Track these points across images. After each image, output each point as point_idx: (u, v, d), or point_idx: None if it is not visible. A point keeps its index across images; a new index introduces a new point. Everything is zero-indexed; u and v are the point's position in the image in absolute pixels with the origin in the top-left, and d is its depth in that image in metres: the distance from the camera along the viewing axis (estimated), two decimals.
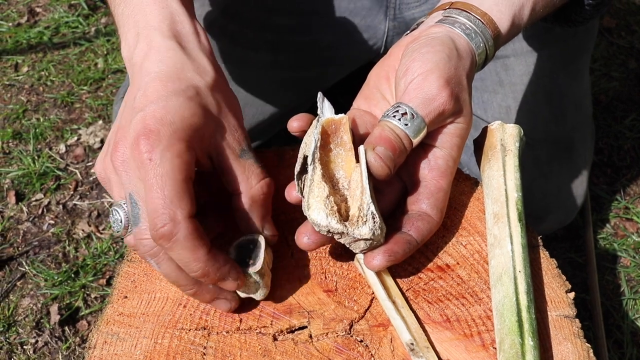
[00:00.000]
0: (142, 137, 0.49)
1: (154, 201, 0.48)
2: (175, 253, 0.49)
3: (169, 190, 0.48)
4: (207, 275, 0.51)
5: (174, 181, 0.48)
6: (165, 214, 0.48)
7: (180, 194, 0.49)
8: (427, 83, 0.55)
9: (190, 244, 0.49)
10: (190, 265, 0.50)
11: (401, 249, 0.54)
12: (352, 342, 0.54)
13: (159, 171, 0.48)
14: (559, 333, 0.54)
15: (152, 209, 0.48)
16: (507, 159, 0.61)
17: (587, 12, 0.71)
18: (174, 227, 0.48)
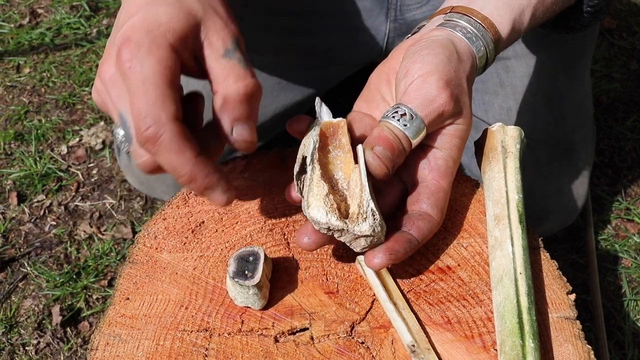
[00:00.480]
0: (122, 48, 0.48)
1: (136, 106, 0.47)
2: (162, 157, 0.48)
3: (152, 93, 0.47)
4: (194, 181, 0.49)
5: (155, 85, 0.48)
6: (148, 116, 0.47)
7: (163, 97, 0.48)
8: (426, 84, 0.56)
9: (176, 146, 0.48)
10: (177, 169, 0.49)
11: (402, 248, 0.54)
12: (354, 344, 0.54)
13: (140, 77, 0.48)
14: (560, 335, 0.54)
15: (136, 114, 0.47)
16: (508, 160, 0.61)
17: (586, 19, 0.71)
18: (158, 129, 0.47)
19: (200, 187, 0.50)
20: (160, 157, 0.49)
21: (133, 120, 0.48)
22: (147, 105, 0.47)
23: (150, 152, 0.49)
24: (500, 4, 0.63)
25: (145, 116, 0.47)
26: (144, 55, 0.48)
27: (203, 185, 0.50)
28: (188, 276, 0.59)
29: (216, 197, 0.51)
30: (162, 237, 0.61)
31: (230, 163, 0.66)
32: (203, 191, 0.51)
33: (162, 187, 1.08)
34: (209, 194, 0.51)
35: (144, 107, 0.47)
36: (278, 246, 0.60)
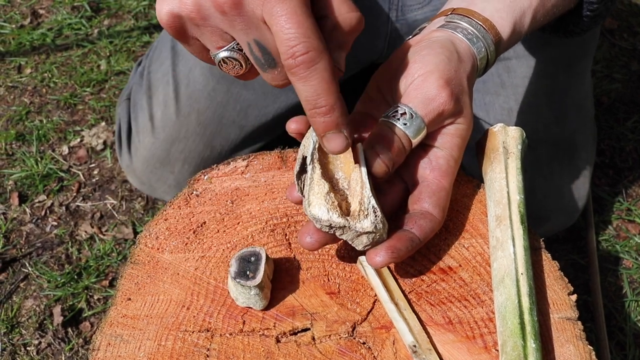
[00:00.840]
0: None
1: (292, 31, 0.46)
2: (310, 82, 0.47)
3: (307, 22, 0.46)
4: (332, 112, 0.49)
5: (307, 15, 0.47)
6: (306, 42, 0.46)
7: (315, 28, 0.47)
8: (426, 84, 0.56)
9: (329, 75, 0.48)
10: (322, 96, 0.48)
11: (404, 246, 0.54)
12: (355, 344, 0.54)
13: (289, 4, 0.46)
14: (561, 335, 0.54)
15: (291, 38, 0.46)
16: (510, 161, 0.61)
17: (585, 23, 0.71)
18: (316, 55, 0.47)
19: (334, 122, 0.49)
20: (308, 82, 0.48)
21: (283, 44, 0.46)
22: (303, 31, 0.46)
23: (298, 76, 0.47)
24: (501, 6, 0.63)
25: (303, 41, 0.46)
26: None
27: (337, 120, 0.49)
28: (189, 277, 0.59)
29: (339, 139, 0.50)
30: (163, 238, 0.61)
31: (232, 163, 0.66)
32: (334, 125, 0.50)
33: (164, 187, 1.08)
34: (333, 134, 0.50)
35: (301, 31, 0.46)
36: (279, 247, 0.60)
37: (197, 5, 0.49)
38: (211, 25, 0.50)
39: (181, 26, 0.51)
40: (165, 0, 0.51)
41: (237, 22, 0.49)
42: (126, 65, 1.54)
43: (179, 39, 0.52)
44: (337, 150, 0.51)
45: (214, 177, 0.65)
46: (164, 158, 1.03)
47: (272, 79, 0.52)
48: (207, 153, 1.03)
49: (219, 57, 0.52)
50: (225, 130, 1.01)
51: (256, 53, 0.50)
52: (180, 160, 1.03)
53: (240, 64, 0.52)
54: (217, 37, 0.51)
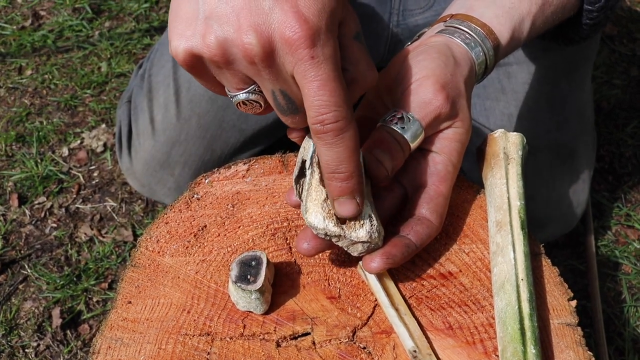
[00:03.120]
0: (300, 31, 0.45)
1: (323, 99, 0.46)
2: (334, 149, 0.48)
3: (338, 89, 0.46)
4: (350, 179, 0.50)
5: (339, 80, 0.46)
6: (337, 111, 0.46)
7: (346, 94, 0.47)
8: (422, 88, 0.56)
9: (354, 144, 0.48)
10: (342, 163, 0.49)
11: (399, 252, 0.55)
12: (355, 349, 0.54)
13: (324, 70, 0.46)
14: (561, 341, 0.55)
15: (321, 105, 0.46)
16: (510, 167, 0.61)
17: (585, 31, 0.72)
18: (345, 124, 0.47)
19: (349, 189, 0.50)
20: (332, 148, 0.48)
21: (313, 109, 0.47)
22: (335, 100, 0.46)
23: (324, 141, 0.48)
24: (500, 12, 0.63)
25: (334, 110, 0.46)
26: (323, 44, 0.46)
27: (352, 187, 0.50)
28: (190, 280, 0.59)
29: (351, 205, 0.51)
30: (164, 241, 0.61)
31: (233, 167, 0.66)
32: (349, 192, 0.50)
33: (163, 190, 1.08)
34: (346, 199, 0.51)
35: (333, 101, 0.46)
36: (280, 251, 0.60)
37: (222, 49, 0.47)
38: (234, 69, 0.49)
39: (199, 65, 0.49)
40: (184, 35, 0.48)
41: (265, 72, 0.48)
42: (127, 68, 1.54)
43: (192, 74, 0.51)
44: (345, 216, 0.52)
45: (214, 180, 0.65)
46: (164, 161, 1.03)
47: (291, 123, 0.52)
48: (208, 156, 1.03)
49: (239, 99, 0.51)
50: (225, 134, 1.01)
51: (280, 100, 0.50)
52: (181, 163, 1.03)
53: (259, 104, 0.52)
54: (238, 80, 0.50)
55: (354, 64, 0.51)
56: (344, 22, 0.50)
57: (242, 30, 0.46)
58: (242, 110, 0.53)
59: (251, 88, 0.50)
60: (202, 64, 0.49)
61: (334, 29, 0.47)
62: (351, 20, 0.51)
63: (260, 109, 0.52)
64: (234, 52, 0.47)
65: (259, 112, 0.53)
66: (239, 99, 0.51)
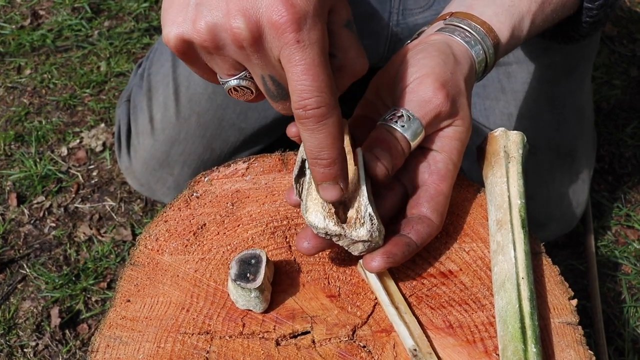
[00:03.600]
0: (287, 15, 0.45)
1: (305, 83, 0.46)
2: (315, 134, 0.48)
3: (323, 75, 0.46)
4: (332, 165, 0.49)
5: (324, 66, 0.46)
6: (319, 97, 0.46)
7: (331, 81, 0.47)
8: (422, 86, 0.56)
9: (337, 131, 0.48)
10: (325, 150, 0.49)
11: (400, 251, 0.54)
12: (355, 348, 0.54)
13: (310, 55, 0.46)
14: (562, 340, 0.54)
15: (304, 90, 0.46)
16: (511, 165, 0.61)
17: (585, 29, 0.72)
18: (328, 111, 0.47)
19: (332, 175, 0.50)
20: (314, 134, 0.48)
21: (296, 94, 0.47)
22: (318, 84, 0.46)
23: (306, 127, 0.48)
24: (500, 10, 0.63)
25: (316, 95, 0.46)
26: (310, 28, 0.46)
27: (335, 173, 0.50)
28: (189, 279, 0.58)
29: (334, 190, 0.51)
30: (163, 239, 0.61)
31: (232, 165, 0.66)
32: (331, 178, 0.50)
33: (163, 189, 1.08)
34: (329, 185, 0.51)
35: (315, 86, 0.46)
36: (280, 249, 0.60)
37: (212, 34, 0.47)
38: (224, 55, 0.49)
39: (190, 51, 0.50)
40: (175, 22, 0.49)
41: (254, 57, 0.48)
42: (126, 67, 1.54)
43: (184, 61, 0.51)
44: (329, 200, 0.52)
45: (214, 179, 0.65)
46: (163, 160, 1.03)
47: (282, 109, 0.52)
48: (207, 155, 1.02)
49: (230, 85, 0.52)
50: (225, 133, 1.01)
51: (269, 86, 0.50)
52: (180, 162, 1.03)
53: (250, 91, 0.52)
54: (228, 66, 0.50)
55: (343, 51, 0.51)
56: (335, 10, 0.50)
57: (230, 15, 0.46)
58: (233, 96, 0.53)
59: (242, 74, 0.51)
60: (193, 50, 0.50)
61: (322, 14, 0.47)
62: (342, 7, 0.51)
63: (252, 95, 0.53)
64: (223, 37, 0.47)
65: (250, 99, 0.53)
66: (230, 85, 0.52)
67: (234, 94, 0.53)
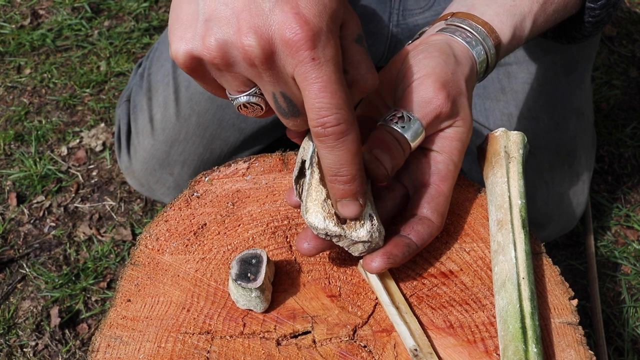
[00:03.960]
0: (301, 32, 0.44)
1: (324, 101, 0.45)
2: (335, 152, 0.48)
3: (340, 92, 0.46)
4: (352, 182, 0.49)
5: (341, 83, 0.46)
6: (338, 114, 0.46)
7: (348, 97, 0.46)
8: (423, 87, 0.56)
9: (356, 148, 0.48)
10: (344, 166, 0.48)
11: (400, 252, 0.54)
12: (356, 348, 0.54)
13: (325, 72, 0.45)
14: (562, 340, 0.54)
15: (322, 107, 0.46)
16: (511, 165, 0.61)
17: (587, 29, 0.72)
18: (347, 127, 0.46)
19: (352, 191, 0.50)
20: (334, 152, 0.48)
21: (314, 112, 0.46)
22: (336, 102, 0.46)
23: (326, 144, 0.47)
24: (501, 10, 0.63)
25: (335, 113, 0.46)
26: (324, 45, 0.45)
27: (355, 189, 0.50)
28: (190, 278, 0.58)
29: (354, 206, 0.51)
30: (164, 239, 0.61)
31: (233, 165, 0.66)
32: (351, 194, 0.50)
33: (162, 189, 1.08)
34: (349, 201, 0.51)
35: (334, 103, 0.46)
36: (280, 249, 0.60)
37: (222, 51, 0.46)
38: (235, 72, 0.48)
39: (199, 67, 0.49)
40: (183, 38, 0.48)
41: (265, 74, 0.47)
42: (126, 67, 1.54)
43: (193, 77, 0.50)
44: (348, 217, 0.52)
45: (214, 178, 0.65)
46: (163, 160, 1.03)
47: (293, 125, 0.52)
48: (207, 155, 1.02)
49: (240, 102, 0.51)
50: (225, 133, 1.01)
51: (280, 103, 0.49)
52: (180, 162, 1.03)
53: (260, 107, 0.51)
54: (238, 82, 0.49)
55: (354, 67, 0.50)
56: (345, 24, 0.50)
57: (242, 32, 0.45)
58: (243, 113, 0.52)
59: (252, 90, 0.50)
60: (202, 66, 0.49)
61: (335, 30, 0.46)
62: (353, 22, 0.50)
63: (262, 111, 0.52)
64: (234, 54, 0.46)
65: (260, 115, 0.53)
66: (239, 102, 0.51)
67: (244, 110, 0.52)
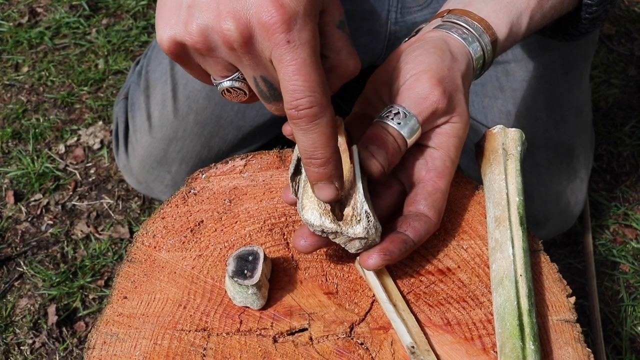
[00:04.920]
0: (277, 15, 0.45)
1: (297, 84, 0.46)
2: (308, 134, 0.48)
3: (314, 75, 0.46)
4: (327, 165, 0.50)
5: (316, 66, 0.46)
6: (311, 96, 0.46)
7: (323, 80, 0.47)
8: (419, 83, 0.56)
9: (329, 130, 0.48)
10: (318, 149, 0.49)
11: (397, 249, 0.54)
12: (353, 345, 0.54)
13: (301, 55, 0.46)
14: (560, 337, 0.54)
15: (296, 90, 0.46)
16: (509, 163, 0.61)
17: (584, 26, 0.71)
18: (320, 110, 0.47)
19: (327, 174, 0.50)
20: (307, 134, 0.48)
21: (288, 94, 0.47)
22: (309, 84, 0.46)
23: (299, 127, 0.48)
24: (498, 7, 0.63)
25: (308, 95, 0.46)
26: (300, 28, 0.46)
27: (330, 172, 0.50)
28: (187, 275, 0.58)
29: (329, 189, 0.51)
30: (160, 236, 0.61)
31: (230, 162, 0.66)
32: (326, 177, 0.50)
33: (160, 187, 1.08)
34: (324, 184, 0.51)
35: (307, 85, 0.46)
36: (277, 246, 0.60)
37: (203, 36, 0.48)
38: (216, 56, 0.49)
39: (183, 53, 0.50)
40: (168, 24, 0.49)
41: (245, 58, 0.48)
42: (124, 65, 1.54)
43: (179, 62, 0.52)
44: (325, 200, 0.52)
45: (212, 176, 0.65)
46: (161, 158, 1.03)
47: (275, 110, 0.53)
48: (205, 153, 1.02)
49: (223, 87, 0.52)
50: (223, 131, 1.01)
51: (262, 87, 0.50)
52: (178, 160, 1.02)
53: (244, 92, 0.52)
54: (221, 67, 0.50)
55: (335, 52, 0.51)
56: (327, 10, 0.50)
57: (221, 17, 0.46)
58: (227, 98, 0.53)
59: (235, 75, 0.51)
60: (186, 52, 0.50)
61: (313, 14, 0.47)
62: (335, 8, 0.51)
63: (245, 97, 0.53)
64: (214, 38, 0.48)
65: (244, 100, 0.53)
66: (223, 87, 0.52)
67: (227, 95, 0.53)
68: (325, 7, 0.50)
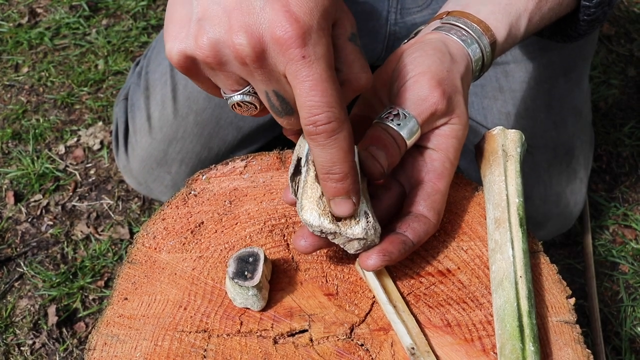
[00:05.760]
0: (291, 30, 0.44)
1: (315, 99, 0.46)
2: (327, 149, 0.48)
3: (331, 90, 0.46)
4: (344, 180, 0.49)
5: (332, 80, 0.46)
6: (329, 112, 0.46)
7: (339, 95, 0.46)
8: (418, 85, 0.56)
9: (348, 145, 0.48)
10: (336, 164, 0.48)
11: (396, 249, 0.54)
12: (353, 346, 0.54)
13: (316, 70, 0.45)
14: (560, 339, 0.54)
15: (314, 105, 0.46)
16: (509, 164, 0.61)
17: (582, 27, 0.72)
18: (338, 125, 0.47)
19: (345, 189, 0.50)
20: (325, 149, 0.48)
21: (305, 110, 0.46)
22: (327, 100, 0.46)
23: (317, 142, 0.47)
24: (496, 8, 0.63)
25: (326, 111, 0.46)
26: (315, 43, 0.45)
27: (348, 187, 0.50)
28: (187, 277, 0.58)
29: (347, 205, 0.51)
30: (161, 237, 0.61)
31: (230, 163, 0.66)
32: (344, 192, 0.50)
33: (160, 188, 1.08)
34: (342, 200, 0.51)
35: (325, 101, 0.46)
36: (278, 247, 0.60)
37: (214, 50, 0.47)
38: (227, 71, 0.48)
39: (193, 67, 0.49)
40: (177, 37, 0.48)
41: (257, 73, 0.47)
42: (124, 65, 1.54)
43: (188, 76, 0.51)
44: (342, 215, 0.51)
45: (212, 177, 0.65)
46: (161, 158, 1.03)
47: (287, 124, 0.52)
48: (205, 154, 1.02)
49: (233, 101, 0.51)
50: (222, 131, 1.01)
51: (274, 101, 0.49)
52: (178, 160, 1.03)
53: (254, 106, 0.51)
54: (232, 81, 0.50)
55: (348, 65, 0.50)
56: (339, 23, 0.50)
57: (233, 31, 0.45)
58: (237, 112, 0.53)
59: (245, 89, 0.50)
60: (196, 65, 0.49)
61: (326, 27, 0.46)
62: (346, 20, 0.50)
63: (256, 110, 0.52)
64: (225, 53, 0.47)
65: (254, 114, 0.53)
66: (233, 101, 0.51)
67: (238, 109, 0.52)
68: (337, 19, 0.49)
